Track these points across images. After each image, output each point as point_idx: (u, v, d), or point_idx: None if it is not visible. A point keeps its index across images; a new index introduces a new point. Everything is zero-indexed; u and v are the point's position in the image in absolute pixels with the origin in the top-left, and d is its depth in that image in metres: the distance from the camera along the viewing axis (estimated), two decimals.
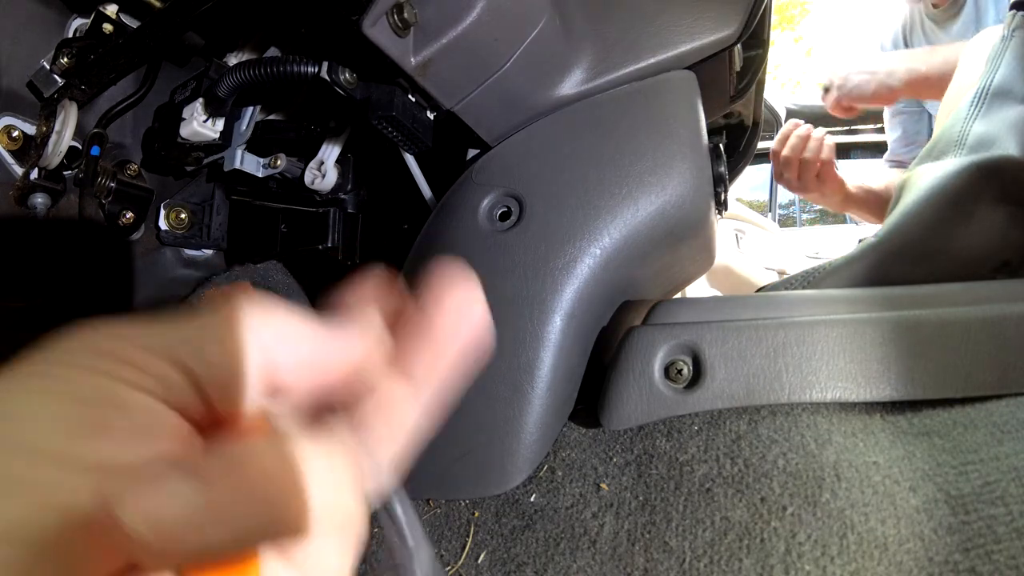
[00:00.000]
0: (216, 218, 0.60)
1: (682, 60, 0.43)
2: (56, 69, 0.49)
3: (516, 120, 0.43)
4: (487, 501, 0.36)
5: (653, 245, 0.40)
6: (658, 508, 0.32)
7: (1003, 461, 0.28)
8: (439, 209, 0.43)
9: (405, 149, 0.43)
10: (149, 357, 0.14)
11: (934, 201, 0.47)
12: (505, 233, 0.39)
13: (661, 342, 0.36)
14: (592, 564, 0.31)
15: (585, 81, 0.43)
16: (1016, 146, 0.48)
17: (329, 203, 0.51)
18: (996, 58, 0.55)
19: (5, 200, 0.49)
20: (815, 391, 0.33)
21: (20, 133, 0.49)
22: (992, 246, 0.45)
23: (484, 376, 0.37)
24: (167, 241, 0.59)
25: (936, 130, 0.63)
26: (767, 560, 0.28)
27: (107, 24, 0.49)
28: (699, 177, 0.40)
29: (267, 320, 0.16)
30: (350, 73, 0.39)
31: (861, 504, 0.28)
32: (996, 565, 0.25)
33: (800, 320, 0.35)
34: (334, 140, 0.48)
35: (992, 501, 0.27)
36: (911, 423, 0.33)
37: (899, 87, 1.02)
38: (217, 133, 0.48)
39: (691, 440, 0.35)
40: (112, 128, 0.53)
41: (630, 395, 0.35)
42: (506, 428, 0.36)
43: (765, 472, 0.31)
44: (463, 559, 0.34)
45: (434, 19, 0.36)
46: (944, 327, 0.33)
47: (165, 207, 0.58)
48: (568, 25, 0.42)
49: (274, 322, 0.16)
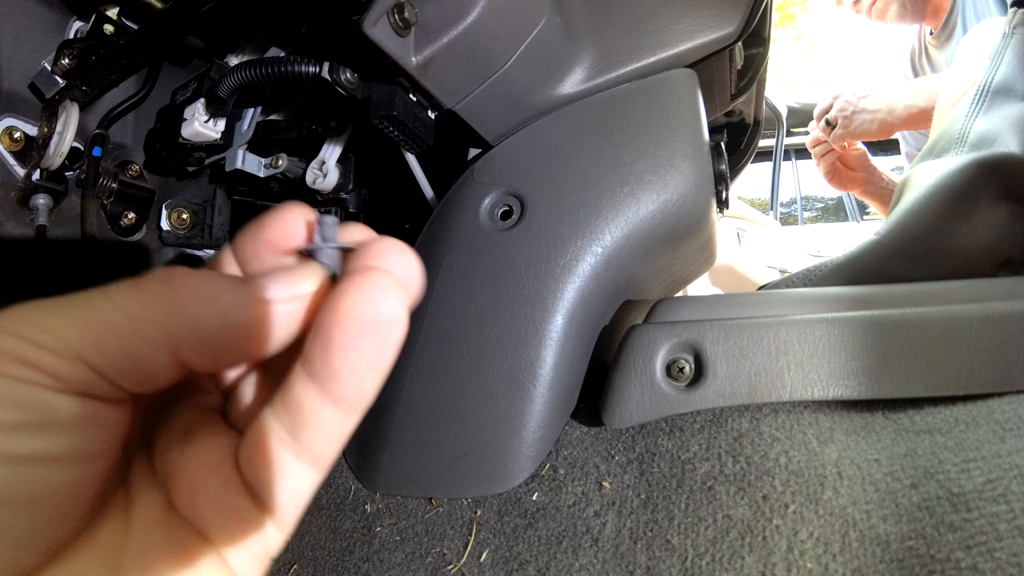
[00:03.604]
0: (218, 218, 0.60)
1: (683, 58, 0.43)
2: (57, 70, 0.49)
3: (517, 119, 0.43)
4: (489, 500, 0.36)
5: (654, 244, 0.40)
6: (660, 506, 0.32)
7: (1005, 459, 0.28)
8: (440, 208, 0.44)
9: (406, 148, 0.43)
10: (46, 356, 0.15)
11: (935, 199, 0.47)
12: (506, 232, 0.39)
13: (663, 340, 0.36)
14: (594, 562, 0.31)
15: (586, 80, 0.43)
16: (1017, 143, 0.48)
17: (331, 203, 0.51)
18: (997, 55, 0.55)
19: (7, 201, 0.49)
20: (817, 389, 0.33)
21: (22, 134, 0.49)
22: (993, 243, 0.45)
23: (486, 375, 0.37)
24: (169, 241, 0.59)
25: (937, 128, 0.63)
26: (769, 558, 0.28)
27: (108, 25, 0.49)
28: (700, 175, 0.40)
29: (170, 302, 0.16)
30: (351, 73, 0.39)
31: (863, 502, 0.28)
32: (998, 562, 0.25)
33: (802, 318, 0.35)
34: (335, 140, 0.48)
35: (994, 499, 0.27)
36: (913, 421, 0.33)
37: (899, 124, 1.05)
38: (218, 133, 0.48)
39: (693, 438, 0.35)
40: (114, 129, 0.53)
41: (632, 393, 0.35)
42: (508, 427, 0.36)
43: (767, 470, 0.31)
44: (465, 558, 0.34)
45: (435, 18, 0.36)
46: (946, 325, 0.33)
47: (167, 207, 0.58)
48: (569, 24, 0.42)
49: (180, 303, 0.16)
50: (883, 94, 1.05)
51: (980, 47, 0.65)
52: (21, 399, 0.14)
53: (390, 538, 0.37)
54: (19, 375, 0.14)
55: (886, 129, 1.06)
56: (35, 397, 0.15)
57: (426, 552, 0.36)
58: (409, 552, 0.36)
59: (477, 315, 0.38)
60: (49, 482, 0.15)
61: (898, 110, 1.03)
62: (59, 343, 0.15)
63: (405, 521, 0.37)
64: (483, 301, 0.38)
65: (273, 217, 0.19)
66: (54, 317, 0.15)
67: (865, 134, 1.08)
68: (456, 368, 0.37)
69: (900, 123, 1.04)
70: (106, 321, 0.15)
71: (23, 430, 0.14)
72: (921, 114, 1.00)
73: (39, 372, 0.15)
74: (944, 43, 1.19)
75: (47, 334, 0.15)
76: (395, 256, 0.18)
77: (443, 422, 0.37)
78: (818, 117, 1.13)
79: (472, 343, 0.37)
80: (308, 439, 0.17)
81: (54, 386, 0.15)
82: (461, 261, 0.40)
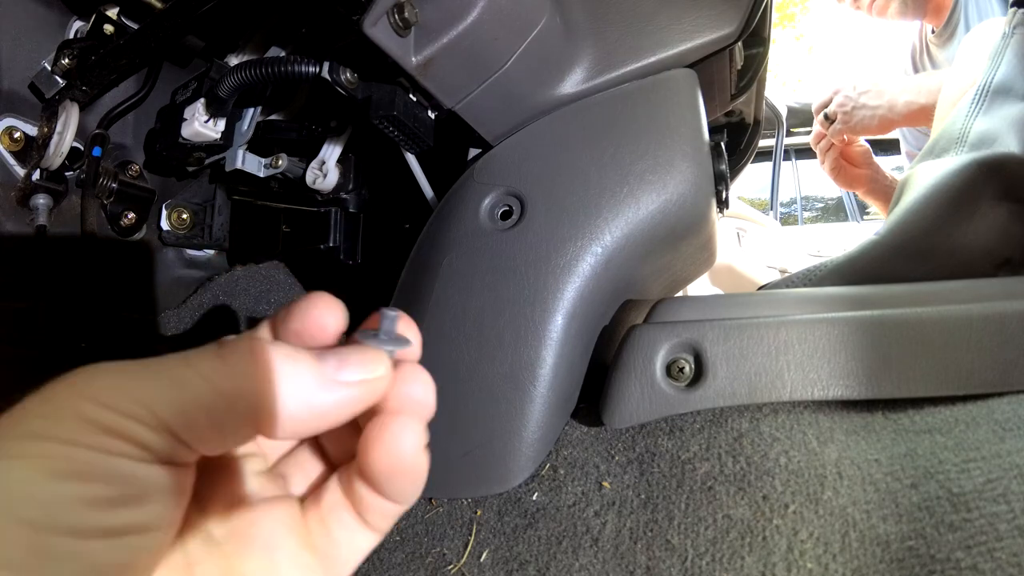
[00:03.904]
0: (218, 218, 0.60)
1: (683, 58, 0.43)
2: (57, 70, 0.49)
3: (517, 119, 0.43)
4: (489, 500, 0.36)
5: (654, 244, 0.40)
6: (660, 506, 0.32)
7: (1005, 459, 0.28)
8: (440, 208, 0.44)
9: (406, 148, 0.43)
10: (135, 427, 0.15)
11: (935, 199, 0.47)
12: (506, 232, 0.39)
13: (663, 340, 0.36)
14: (594, 562, 0.31)
15: (586, 80, 0.43)
16: (1017, 143, 0.48)
17: (331, 203, 0.51)
18: (997, 55, 0.55)
19: (7, 201, 0.49)
20: (817, 389, 0.33)
21: (22, 134, 0.49)
22: (993, 243, 0.45)
23: (486, 375, 0.37)
24: (169, 241, 0.59)
25: (937, 127, 0.63)
26: (769, 558, 0.28)
27: (108, 25, 0.49)
28: (700, 175, 0.40)
29: (256, 378, 0.17)
30: (351, 73, 0.39)
31: (863, 502, 0.28)
32: (998, 562, 0.25)
33: (802, 318, 0.35)
34: (335, 140, 0.48)
35: (994, 499, 0.27)
36: (913, 421, 0.33)
37: (899, 120, 1.04)
38: (218, 133, 0.48)
39: (693, 438, 0.35)
40: (114, 129, 0.53)
41: (632, 393, 0.35)
42: (508, 427, 0.36)
43: (767, 470, 0.31)
44: (465, 557, 0.34)
45: (435, 18, 0.36)
46: (946, 325, 0.33)
47: (167, 207, 0.58)
48: (569, 24, 0.42)
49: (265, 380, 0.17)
50: (883, 90, 1.05)
51: (980, 47, 0.65)
52: (116, 474, 0.14)
53: (390, 538, 0.37)
54: (112, 448, 0.14)
55: (886, 125, 1.05)
56: (128, 471, 0.15)
57: (426, 552, 0.36)
58: (409, 552, 0.36)
59: (477, 315, 0.38)
60: (137, 550, 0.15)
61: (898, 107, 1.02)
62: (149, 415, 0.15)
63: (405, 521, 0.37)
64: (483, 301, 0.38)
65: (304, 307, 0.20)
66: (141, 386, 0.15)
67: (865, 130, 1.08)
68: (456, 368, 0.37)
69: (900, 120, 1.04)
70: (195, 394, 0.16)
71: (118, 504, 0.14)
72: (921, 111, 1.00)
73: (131, 444, 0.15)
74: (946, 42, 1.18)
75: (136, 404, 0.15)
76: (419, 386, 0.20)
77: (443, 422, 0.37)
78: (817, 111, 1.13)
79: (472, 343, 0.37)
80: (372, 520, 0.20)
81: (144, 457, 0.15)
82: (461, 261, 0.40)
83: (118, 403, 0.15)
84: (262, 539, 0.19)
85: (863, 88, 1.06)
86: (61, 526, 0.13)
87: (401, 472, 0.19)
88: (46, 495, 0.13)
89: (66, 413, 0.14)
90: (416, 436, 0.19)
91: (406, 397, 0.20)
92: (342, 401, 0.18)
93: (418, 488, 0.20)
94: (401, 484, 0.19)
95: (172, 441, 0.15)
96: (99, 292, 0.53)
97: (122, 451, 0.14)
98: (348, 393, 0.18)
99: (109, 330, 0.53)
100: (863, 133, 1.11)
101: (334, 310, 0.20)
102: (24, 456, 0.14)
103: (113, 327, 0.54)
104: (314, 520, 0.20)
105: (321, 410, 0.18)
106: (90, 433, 0.14)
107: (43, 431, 0.14)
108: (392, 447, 0.19)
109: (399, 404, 0.20)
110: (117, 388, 0.15)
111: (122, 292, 0.56)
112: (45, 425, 0.14)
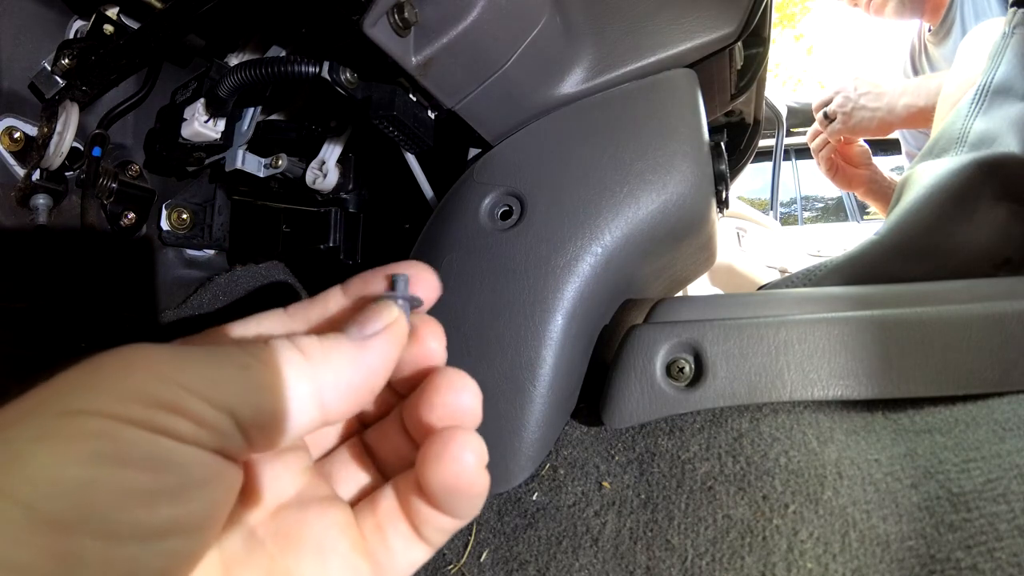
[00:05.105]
0: (218, 218, 0.60)
1: (683, 58, 0.43)
2: (57, 70, 0.49)
3: (517, 119, 0.43)
4: (489, 500, 0.36)
5: (654, 244, 0.40)
6: (660, 506, 0.32)
7: (1005, 458, 0.28)
8: (440, 208, 0.43)
9: (406, 149, 0.43)
10: (198, 404, 0.13)
11: (935, 198, 0.47)
12: (506, 232, 0.39)
13: (663, 340, 0.36)
14: (594, 562, 0.31)
15: (586, 80, 0.43)
16: (1017, 143, 0.48)
17: (330, 203, 0.51)
18: (997, 55, 0.55)
19: (7, 201, 0.49)
20: (817, 389, 0.33)
21: (21, 134, 0.49)
22: (993, 243, 0.45)
23: (486, 375, 0.37)
24: (169, 241, 0.59)
25: (937, 127, 0.63)
26: (769, 558, 0.28)
27: (108, 25, 0.49)
28: (700, 175, 0.40)
29: (310, 363, 0.17)
30: (351, 73, 0.39)
31: (863, 502, 0.28)
32: (998, 562, 0.25)
33: (802, 318, 0.35)
34: (335, 140, 0.48)
35: (994, 498, 0.27)
36: (913, 421, 0.33)
37: (898, 122, 1.05)
38: (218, 133, 0.48)
39: (693, 438, 0.35)
40: (113, 129, 0.53)
41: (632, 393, 0.35)
42: (508, 426, 0.36)
43: (767, 470, 0.31)
44: (465, 557, 0.34)
45: (435, 18, 0.36)
46: (946, 325, 0.33)
47: (167, 207, 0.58)
48: (568, 24, 0.42)
49: (319, 365, 0.17)
50: (883, 92, 1.05)
51: (980, 47, 0.65)
52: (165, 459, 0.13)
53: None
54: (167, 427, 0.13)
55: (885, 127, 1.06)
56: (179, 456, 0.13)
57: None
58: None
59: (477, 315, 0.38)
60: (176, 556, 0.13)
61: (898, 109, 1.03)
62: (216, 392, 0.14)
63: None
64: (483, 301, 0.38)
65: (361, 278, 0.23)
66: (206, 363, 0.14)
67: (864, 131, 1.09)
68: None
69: (900, 122, 1.04)
70: (258, 375, 0.15)
71: (162, 498, 0.12)
72: (920, 113, 1.00)
73: (190, 423, 0.13)
74: (942, 40, 1.18)
75: (202, 380, 0.14)
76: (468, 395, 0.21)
77: None
78: (817, 109, 1.13)
79: (472, 343, 0.37)
80: (427, 533, 0.20)
81: (201, 441, 0.13)
82: (461, 261, 0.40)
83: (180, 377, 0.13)
84: (314, 540, 0.18)
85: (863, 89, 1.06)
86: (92, 524, 0.11)
87: (463, 488, 0.19)
88: (78, 484, 0.11)
89: (117, 385, 0.13)
90: (477, 452, 0.19)
91: (457, 407, 0.20)
92: (380, 354, 0.18)
93: (478, 504, 0.20)
94: (462, 500, 0.19)
95: (233, 427, 0.14)
96: (99, 292, 0.53)
97: (178, 432, 0.13)
98: (379, 345, 0.18)
99: (109, 330, 0.53)
100: (862, 134, 1.11)
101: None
102: (56, 436, 0.11)
103: (113, 327, 0.54)
104: (369, 526, 0.20)
105: (368, 370, 0.18)
106: (144, 408, 0.12)
107: (85, 405, 0.12)
108: (454, 464, 0.18)
109: (451, 415, 0.20)
110: (179, 362, 0.14)
111: (122, 292, 0.56)
112: (88, 398, 0.12)
